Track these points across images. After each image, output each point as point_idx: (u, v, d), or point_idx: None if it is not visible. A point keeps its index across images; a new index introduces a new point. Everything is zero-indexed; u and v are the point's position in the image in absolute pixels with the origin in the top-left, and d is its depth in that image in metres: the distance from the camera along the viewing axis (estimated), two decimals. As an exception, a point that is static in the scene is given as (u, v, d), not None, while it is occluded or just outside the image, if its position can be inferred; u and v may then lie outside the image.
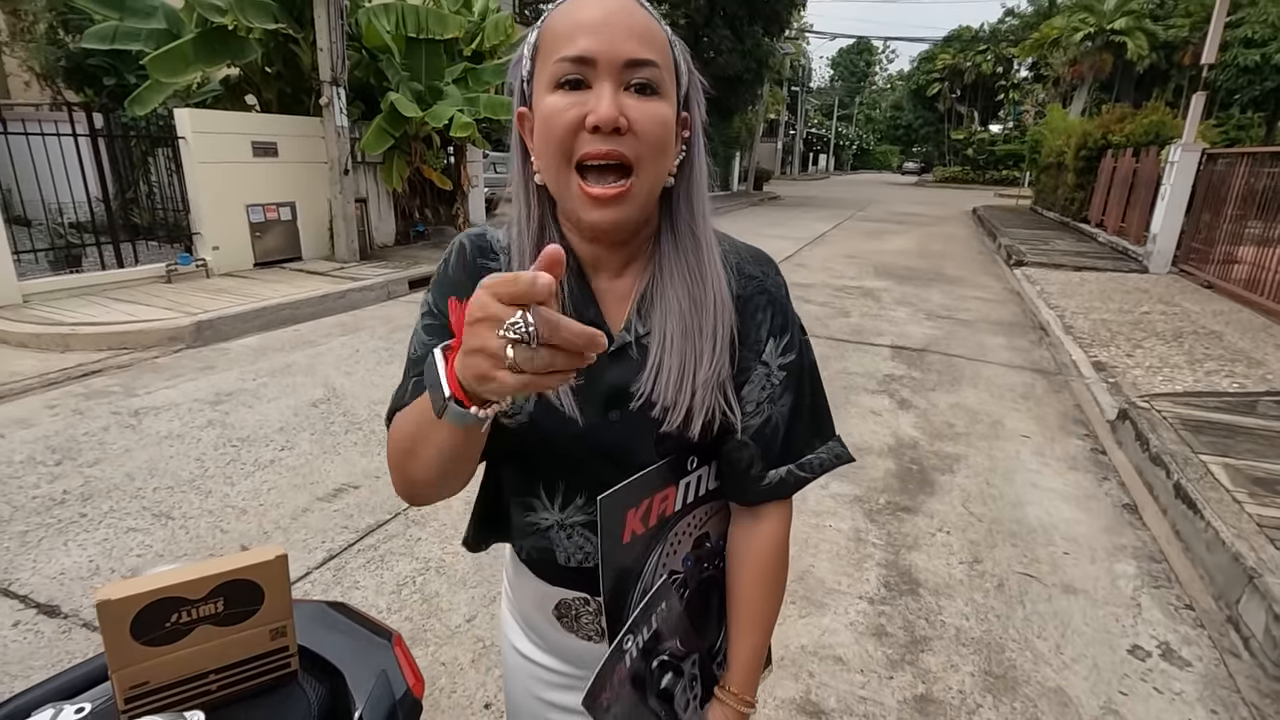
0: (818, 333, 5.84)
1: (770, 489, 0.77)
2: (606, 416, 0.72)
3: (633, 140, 0.62)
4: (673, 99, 0.66)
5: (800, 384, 0.77)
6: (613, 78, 0.61)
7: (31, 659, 1.98)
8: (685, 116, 0.69)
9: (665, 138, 0.64)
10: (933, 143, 51.28)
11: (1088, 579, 2.52)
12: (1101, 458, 3.58)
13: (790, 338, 0.76)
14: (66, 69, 8.78)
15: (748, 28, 18.68)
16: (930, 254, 11.13)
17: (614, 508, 0.73)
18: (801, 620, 2.26)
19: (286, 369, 4.54)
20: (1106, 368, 4.87)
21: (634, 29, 0.62)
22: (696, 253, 0.71)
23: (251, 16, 6.91)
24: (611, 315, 0.73)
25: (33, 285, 5.69)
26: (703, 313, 0.70)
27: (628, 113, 0.61)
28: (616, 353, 0.72)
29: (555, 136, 0.62)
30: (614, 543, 0.74)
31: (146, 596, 0.65)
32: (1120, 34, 24.19)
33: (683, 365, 0.69)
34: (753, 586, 0.80)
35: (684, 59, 0.69)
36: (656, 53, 0.63)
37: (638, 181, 0.64)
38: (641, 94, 0.62)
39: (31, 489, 2.92)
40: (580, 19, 0.62)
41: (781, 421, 0.76)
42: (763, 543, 0.79)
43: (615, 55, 0.61)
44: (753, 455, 0.75)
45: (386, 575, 2.41)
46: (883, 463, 3.44)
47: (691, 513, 0.80)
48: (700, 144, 0.72)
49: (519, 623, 0.89)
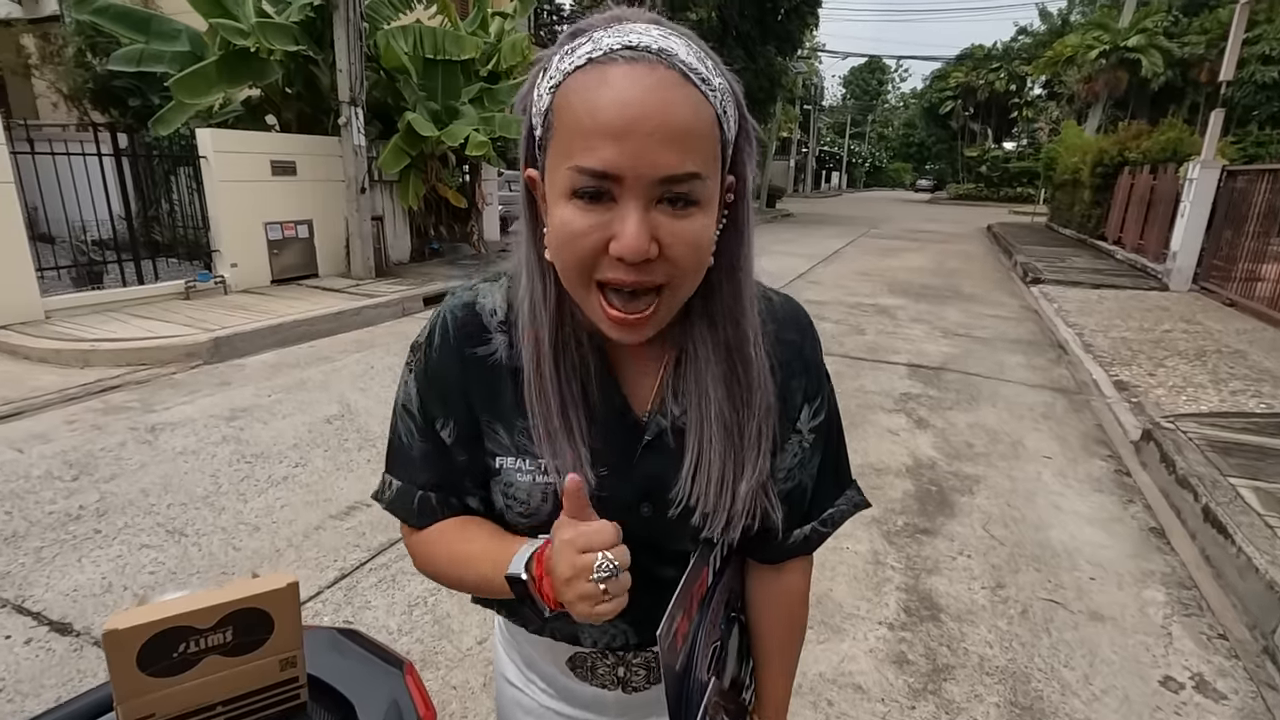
0: (833, 350, 5.79)
1: (795, 547, 0.74)
2: (639, 510, 0.66)
3: (664, 265, 0.53)
4: (715, 196, 0.55)
5: (827, 441, 0.73)
6: (642, 196, 0.50)
7: (43, 677, 1.97)
8: (731, 180, 0.58)
9: (704, 257, 0.55)
10: (946, 160, 51.26)
11: (1115, 606, 2.45)
12: (1126, 479, 3.50)
13: (821, 400, 0.72)
14: (93, 90, 9.00)
15: (760, 48, 18.84)
16: (945, 271, 11.06)
17: (668, 633, 0.63)
18: (820, 646, 2.21)
19: (301, 385, 4.56)
20: (1128, 387, 4.78)
21: (674, 132, 0.49)
22: (739, 343, 0.62)
23: (273, 39, 7.05)
24: (638, 393, 0.66)
25: (55, 301, 5.77)
26: (746, 414, 0.63)
27: (659, 235, 0.51)
28: (652, 443, 0.65)
29: (573, 258, 0.53)
30: (671, 659, 0.65)
31: (154, 626, 0.64)
32: (1135, 51, 24.14)
33: (723, 471, 0.62)
34: (781, 635, 0.79)
35: (734, 108, 0.55)
36: (700, 157, 0.51)
37: (668, 299, 0.55)
38: (675, 207, 0.51)
39: (48, 504, 2.93)
40: (601, 117, 0.49)
41: (810, 483, 0.73)
42: (789, 594, 0.77)
43: (648, 172, 0.49)
44: (779, 519, 0.70)
45: (398, 595, 2.39)
46: (901, 483, 3.38)
47: (721, 579, 0.76)
48: (749, 207, 0.60)
49: (519, 665, 0.84)
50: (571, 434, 0.62)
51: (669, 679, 0.65)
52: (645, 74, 0.49)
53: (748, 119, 0.58)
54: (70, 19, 8.54)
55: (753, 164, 0.60)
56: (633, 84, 0.49)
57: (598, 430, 0.63)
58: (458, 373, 0.66)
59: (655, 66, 0.49)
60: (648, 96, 0.49)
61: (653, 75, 0.49)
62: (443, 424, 0.68)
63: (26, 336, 5.11)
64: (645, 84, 0.49)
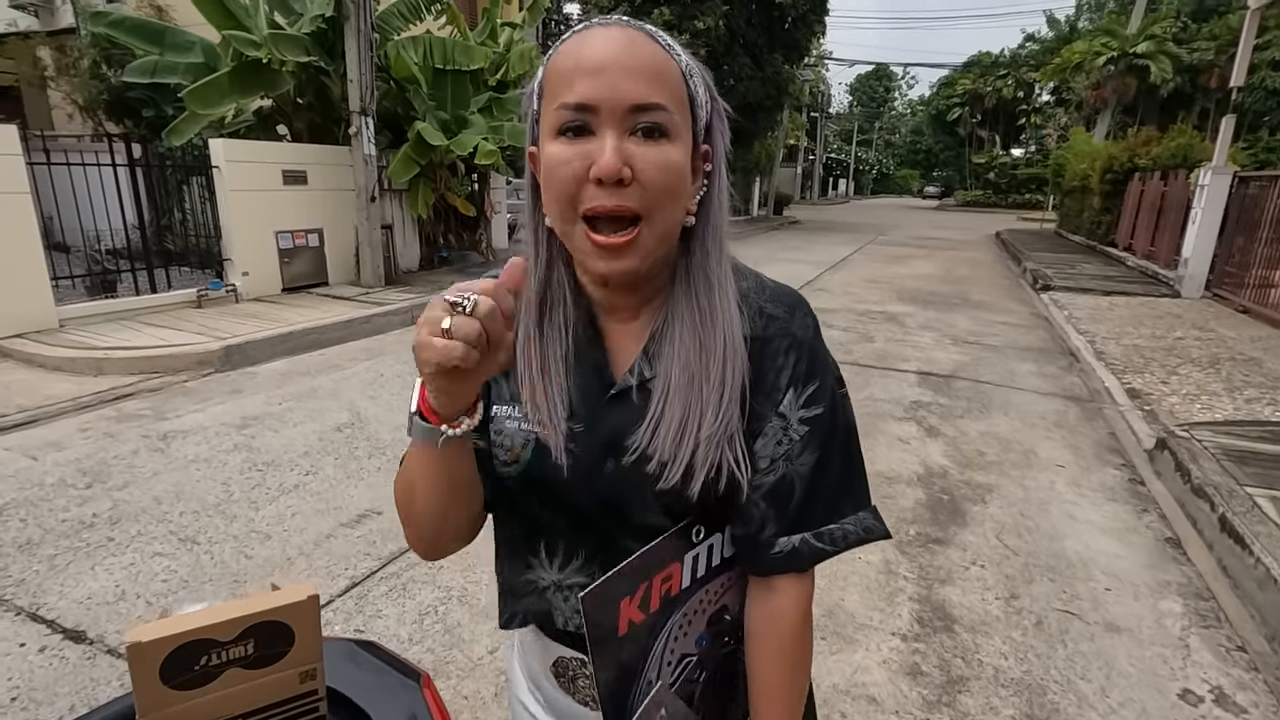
0: (840, 359, 5.77)
1: (782, 559, 0.68)
2: (602, 467, 0.67)
3: (639, 190, 0.58)
4: (686, 138, 0.61)
5: (828, 443, 0.68)
6: (616, 124, 0.57)
7: (57, 685, 1.98)
8: (706, 149, 0.65)
9: (676, 184, 0.60)
10: (953, 167, 51.16)
11: (1132, 617, 2.42)
12: (1140, 489, 3.47)
13: (818, 388, 0.68)
14: (108, 102, 9.11)
15: (767, 55, 18.88)
16: (954, 279, 11.02)
17: (602, 602, 0.66)
18: (833, 657, 2.19)
19: (312, 393, 4.58)
20: (1141, 395, 4.74)
21: (640, 68, 0.57)
22: (709, 294, 0.65)
23: (285, 50, 7.13)
24: (620, 359, 0.69)
25: (69, 310, 5.83)
26: (709, 357, 0.64)
27: (633, 161, 0.57)
28: (617, 397, 0.67)
29: (559, 188, 0.59)
30: (607, 637, 0.67)
31: (177, 639, 0.64)
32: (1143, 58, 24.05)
33: (684, 417, 0.63)
34: (772, 668, 0.70)
35: (704, 87, 0.64)
36: (666, 93, 0.58)
37: (647, 230, 0.60)
38: (649, 138, 0.58)
39: (61, 512, 2.95)
40: (581, 61, 0.57)
41: (799, 482, 0.67)
42: (778, 620, 0.69)
43: (618, 100, 0.56)
44: (763, 516, 0.67)
45: (409, 604, 2.39)
46: (912, 492, 3.36)
47: (704, 588, 0.72)
48: (723, 177, 0.67)
49: (524, 675, 0.84)
50: (549, 386, 0.66)
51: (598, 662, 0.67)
52: (617, 30, 0.59)
53: (718, 100, 0.66)
54: (86, 31, 8.66)
55: (725, 139, 0.67)
56: (605, 37, 0.58)
57: (576, 386, 0.68)
58: None
59: (626, 28, 0.59)
60: (618, 43, 0.58)
61: (623, 31, 0.59)
62: None
63: (41, 345, 5.16)
64: (616, 35, 0.58)
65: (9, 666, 2.05)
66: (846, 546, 0.70)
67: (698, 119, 0.63)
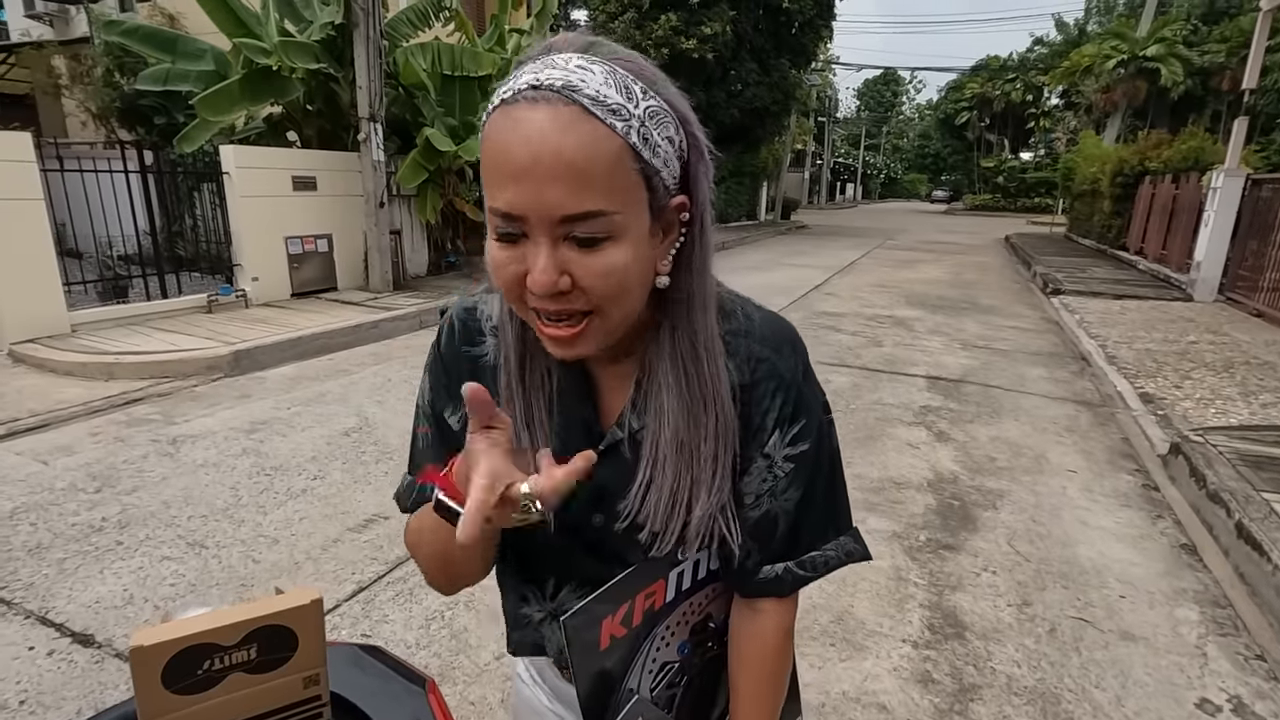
0: (849, 363, 5.75)
1: (765, 584, 0.69)
2: (590, 519, 0.67)
3: (581, 295, 0.54)
4: (638, 222, 0.54)
5: (812, 477, 0.68)
6: (547, 234, 0.52)
7: (65, 689, 1.98)
8: (682, 201, 0.59)
9: (622, 284, 0.55)
10: (962, 171, 51.03)
11: (1147, 625, 2.38)
12: (1154, 494, 3.42)
13: (803, 426, 0.67)
14: (121, 109, 9.20)
15: (774, 61, 18.90)
16: (963, 283, 10.96)
17: (584, 623, 0.67)
18: (842, 664, 2.17)
19: (320, 398, 4.59)
20: (1154, 400, 4.69)
21: (567, 170, 0.49)
22: (694, 359, 0.62)
23: (295, 57, 7.18)
24: (607, 406, 0.68)
25: (81, 315, 5.88)
26: (701, 431, 0.62)
27: (570, 269, 0.53)
28: (606, 451, 0.66)
29: (505, 287, 0.56)
30: (589, 653, 0.68)
31: (180, 643, 0.63)
32: (1153, 60, 23.94)
33: (675, 488, 0.62)
34: (752, 683, 0.72)
35: (675, 131, 0.56)
36: (602, 192, 0.51)
37: (598, 321, 0.56)
38: (586, 247, 0.52)
39: (71, 516, 2.96)
40: (505, 163, 0.51)
41: (783, 516, 0.68)
42: (760, 639, 0.72)
43: (545, 212, 0.51)
44: (748, 548, 0.68)
45: (415, 609, 2.38)
46: (921, 498, 3.33)
47: (688, 600, 0.73)
48: (706, 223, 0.61)
49: (526, 669, 0.87)
50: (535, 442, 0.65)
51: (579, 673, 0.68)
52: (544, 115, 0.50)
53: (698, 138, 0.59)
54: (99, 40, 8.76)
55: (708, 180, 0.61)
56: (530, 127, 0.50)
57: (562, 436, 0.66)
58: (458, 368, 0.70)
59: (555, 105, 0.50)
60: (543, 139, 0.49)
61: (551, 116, 0.50)
62: (451, 412, 0.72)
63: (53, 350, 5.20)
64: (543, 126, 0.50)
65: (18, 670, 2.06)
66: (828, 571, 0.71)
67: (656, 189, 0.55)
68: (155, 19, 10.01)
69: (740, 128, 19.63)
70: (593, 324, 0.56)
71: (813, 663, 2.17)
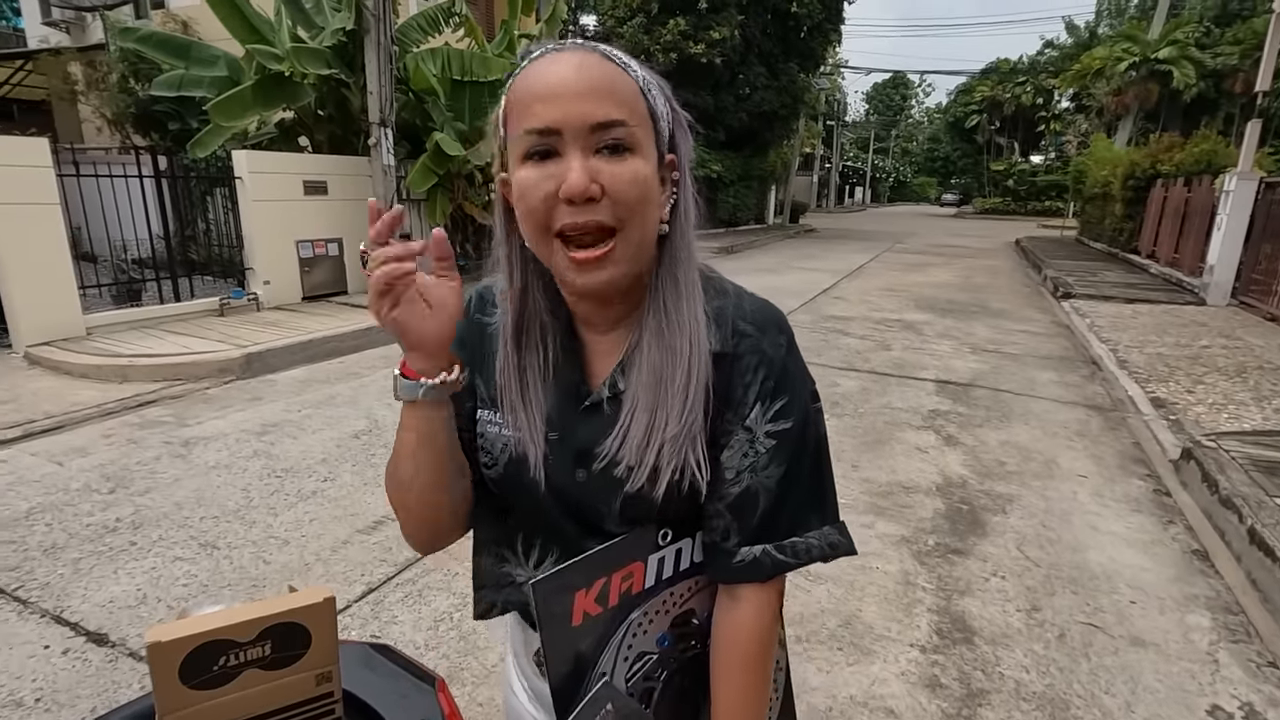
0: (858, 367, 5.74)
1: (743, 568, 0.69)
2: (574, 475, 0.70)
3: (609, 205, 0.60)
4: (651, 151, 0.62)
5: (796, 456, 0.69)
6: (580, 144, 0.59)
7: (79, 687, 2.01)
8: (672, 159, 0.66)
9: (645, 195, 0.61)
10: (972, 174, 50.81)
11: (1158, 631, 2.36)
12: (1165, 500, 3.40)
13: (786, 403, 0.68)
14: (135, 115, 9.33)
15: (782, 64, 18.92)
16: (973, 287, 10.91)
17: (554, 591, 0.68)
18: (850, 668, 2.16)
19: (330, 400, 4.63)
20: (1166, 404, 4.65)
21: (596, 89, 0.59)
22: (675, 300, 0.67)
23: (307, 63, 7.26)
24: (597, 371, 0.72)
25: (96, 318, 5.95)
26: (675, 359, 0.66)
27: (600, 178, 0.59)
28: (590, 409, 0.70)
29: (532, 210, 0.61)
30: (560, 627, 0.68)
31: (197, 639, 0.65)
32: (1166, 63, 23.77)
33: (650, 422, 0.65)
34: (728, 677, 0.71)
35: (664, 100, 0.65)
36: (625, 109, 0.60)
37: (622, 242, 0.62)
38: (614, 154, 0.60)
39: (86, 516, 3.00)
40: (539, 88, 0.59)
41: (764, 493, 0.68)
42: (739, 629, 0.70)
43: (580, 121, 0.58)
44: (727, 526, 0.69)
45: (424, 611, 2.40)
46: (930, 502, 3.32)
47: (668, 589, 0.73)
48: (688, 185, 0.69)
49: (514, 664, 0.88)
50: (528, 403, 0.70)
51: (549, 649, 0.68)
52: (570, 54, 0.60)
53: (679, 111, 0.67)
54: (115, 47, 8.89)
55: (689, 148, 0.69)
56: (561, 62, 0.60)
57: (554, 398, 0.71)
58: (472, 333, 0.76)
59: (578, 50, 0.61)
60: (573, 66, 0.59)
61: (577, 54, 0.60)
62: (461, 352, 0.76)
63: (68, 353, 5.27)
64: (571, 59, 0.60)
65: (33, 668, 2.08)
66: (809, 560, 0.70)
67: (660, 133, 0.64)
68: (169, 26, 10.14)
69: (748, 131, 19.64)
70: (617, 246, 0.62)
71: (820, 666, 2.17)
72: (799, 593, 2.53)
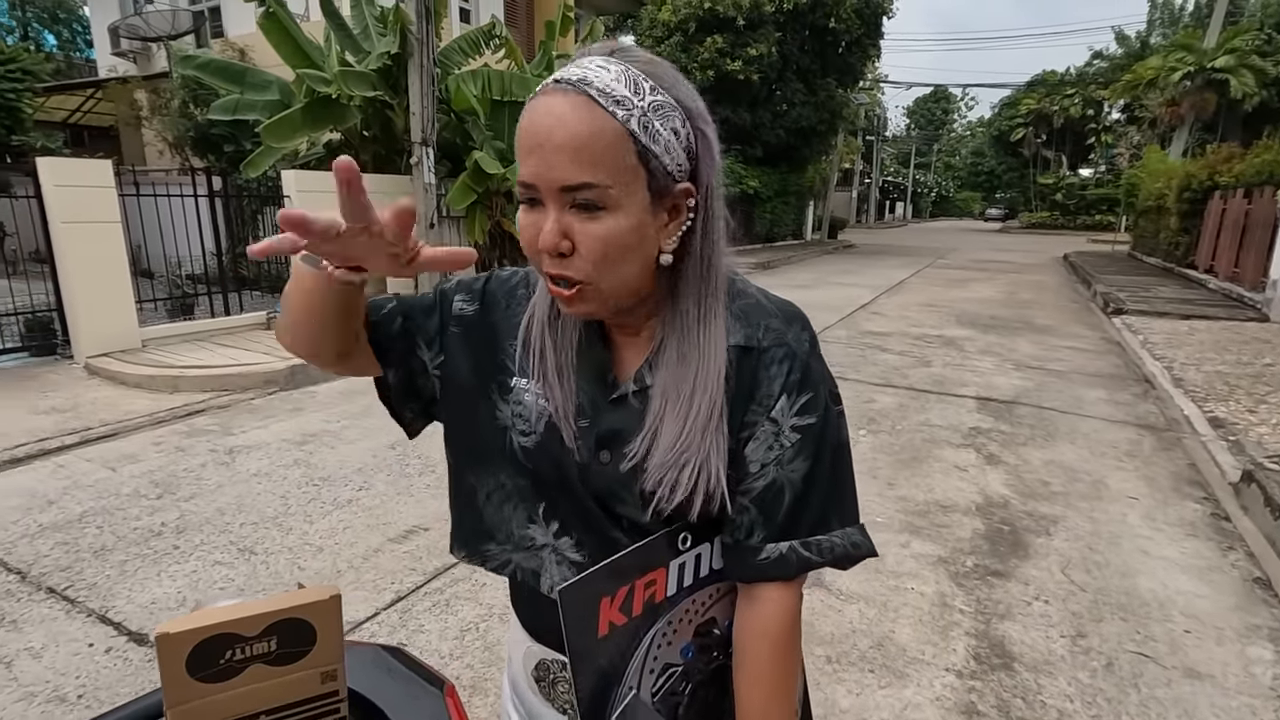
0: (895, 383, 5.62)
1: (768, 565, 0.68)
2: (598, 456, 0.71)
3: (579, 260, 0.61)
4: (636, 198, 0.61)
5: (819, 452, 0.69)
6: (554, 201, 0.60)
7: (119, 685, 2.07)
8: (687, 188, 0.64)
9: (618, 252, 0.61)
10: (1018, 188, 49.63)
11: (1215, 663, 2.23)
12: (1224, 524, 3.22)
13: (811, 398, 0.69)
14: (194, 138, 9.78)
15: (820, 80, 18.84)
16: (1017, 302, 10.61)
17: (581, 598, 0.67)
18: (881, 691, 2.09)
19: (367, 412, 4.73)
20: (1225, 424, 4.43)
21: (570, 146, 0.58)
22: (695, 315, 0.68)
23: (353, 86, 7.52)
24: (625, 367, 0.73)
25: (151, 331, 6.22)
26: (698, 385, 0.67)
27: (571, 234, 0.61)
28: (618, 399, 0.71)
29: (527, 248, 0.64)
30: (587, 638, 0.68)
31: (203, 631, 0.66)
32: (1223, 72, 22.93)
33: (676, 438, 0.66)
34: (751, 685, 0.69)
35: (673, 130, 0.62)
36: (600, 168, 0.58)
37: (592, 290, 0.63)
38: (586, 211, 0.60)
39: (134, 520, 3.11)
40: (525, 138, 0.60)
41: (789, 488, 0.68)
42: (762, 630, 0.69)
43: (550, 181, 0.60)
44: (752, 521, 0.68)
45: (451, 620, 2.41)
46: (970, 522, 3.21)
47: (690, 597, 0.72)
48: (715, 210, 0.68)
49: (509, 686, 0.87)
50: (564, 389, 0.72)
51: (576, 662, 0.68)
52: (558, 101, 0.59)
53: (705, 132, 0.66)
54: (177, 74, 9.35)
55: (714, 170, 0.67)
56: (545, 112, 0.60)
57: (583, 386, 0.72)
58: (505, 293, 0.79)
59: (568, 94, 0.59)
60: (553, 120, 0.59)
61: (564, 101, 0.59)
62: (465, 302, 0.80)
63: (125, 364, 5.51)
64: (555, 110, 0.59)
65: (78, 665, 2.16)
66: (833, 559, 0.70)
67: (655, 172, 0.61)
68: (227, 53, 10.64)
69: (786, 147, 19.57)
70: (584, 293, 0.63)
71: (850, 689, 2.10)
72: (830, 612, 2.47)
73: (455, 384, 0.78)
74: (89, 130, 13.92)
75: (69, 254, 5.59)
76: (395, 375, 0.80)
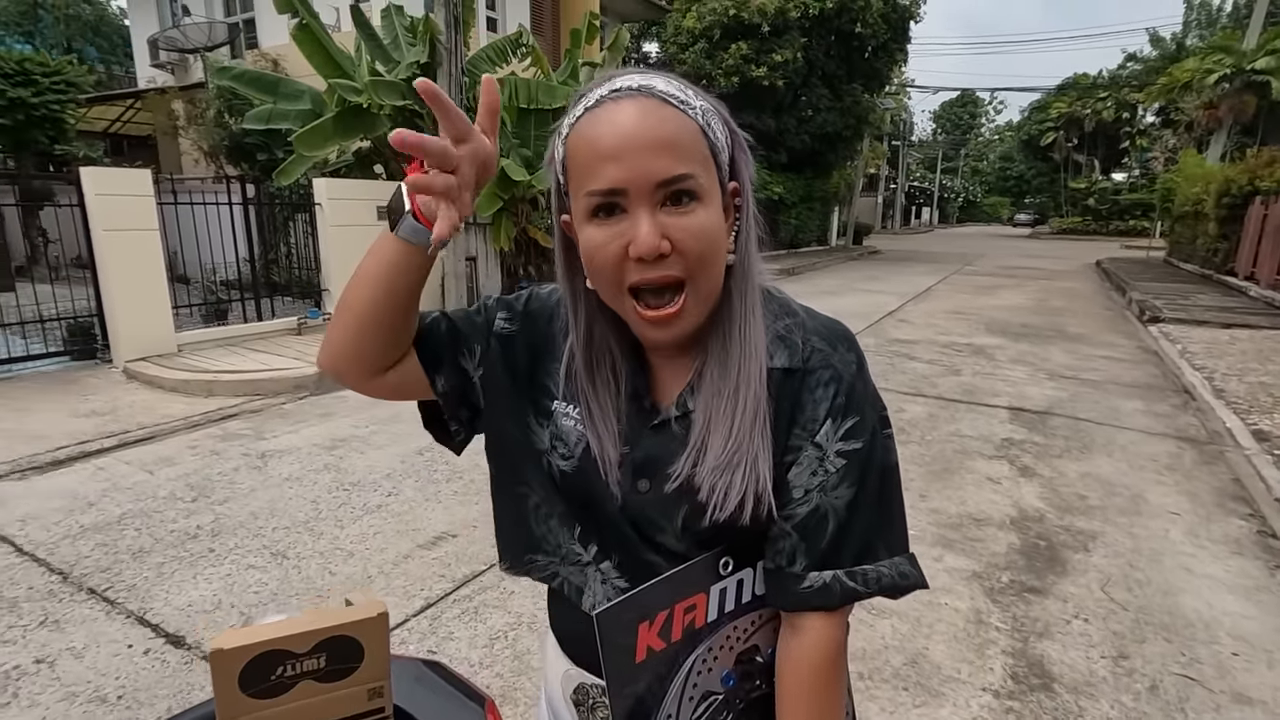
0: (925, 392, 5.53)
1: (811, 594, 0.65)
2: (637, 484, 0.69)
3: (679, 259, 0.60)
4: (716, 191, 0.62)
5: (865, 479, 0.66)
6: (646, 201, 0.59)
7: (158, 686, 2.11)
8: (734, 186, 0.66)
9: (713, 245, 0.62)
10: (1048, 193, 48.77)
11: (1266, 688, 2.15)
12: (1272, 542, 3.11)
13: (858, 423, 0.66)
14: (229, 147, 10.01)
15: (846, 86, 18.73)
16: (1049, 310, 10.41)
17: (619, 622, 0.66)
18: (916, 710, 2.05)
19: (396, 417, 4.78)
20: (1270, 438, 4.29)
21: (658, 142, 0.58)
22: (740, 322, 0.67)
23: (383, 95, 7.64)
24: (666, 391, 0.72)
25: (186, 336, 6.36)
26: (740, 383, 0.65)
27: (670, 233, 0.59)
28: (658, 426, 0.70)
29: (602, 268, 0.62)
30: (624, 663, 0.66)
31: (256, 648, 0.66)
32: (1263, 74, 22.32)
33: (720, 455, 0.64)
34: (792, 716, 0.67)
35: (722, 126, 0.64)
36: (690, 158, 0.59)
37: (692, 295, 0.62)
38: (680, 205, 0.59)
39: (170, 523, 3.17)
40: (602, 146, 0.58)
41: (833, 515, 0.65)
42: (804, 662, 0.66)
43: (644, 180, 0.58)
44: (794, 547, 0.66)
45: (480, 628, 2.41)
46: (1004, 536, 3.14)
47: (732, 623, 0.70)
48: (750, 209, 0.68)
49: (546, 708, 0.86)
50: (606, 421, 0.70)
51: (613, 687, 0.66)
52: (629, 105, 0.59)
53: (738, 133, 0.66)
54: (213, 85, 9.58)
55: (750, 170, 0.68)
56: (621, 115, 0.59)
57: (624, 413, 0.71)
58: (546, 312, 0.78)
59: (636, 98, 0.59)
60: (634, 119, 0.58)
61: (635, 104, 0.59)
62: (506, 321, 0.78)
63: (161, 368, 5.64)
64: (631, 112, 0.58)
65: (118, 666, 2.20)
66: (879, 590, 0.67)
67: (720, 166, 0.63)
68: (261, 64, 10.88)
69: (811, 153, 19.46)
70: (688, 300, 0.62)
71: (884, 707, 2.06)
72: (862, 627, 2.43)
73: (495, 400, 0.77)
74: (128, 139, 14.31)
75: (109, 261, 5.74)
76: (446, 382, 0.79)
